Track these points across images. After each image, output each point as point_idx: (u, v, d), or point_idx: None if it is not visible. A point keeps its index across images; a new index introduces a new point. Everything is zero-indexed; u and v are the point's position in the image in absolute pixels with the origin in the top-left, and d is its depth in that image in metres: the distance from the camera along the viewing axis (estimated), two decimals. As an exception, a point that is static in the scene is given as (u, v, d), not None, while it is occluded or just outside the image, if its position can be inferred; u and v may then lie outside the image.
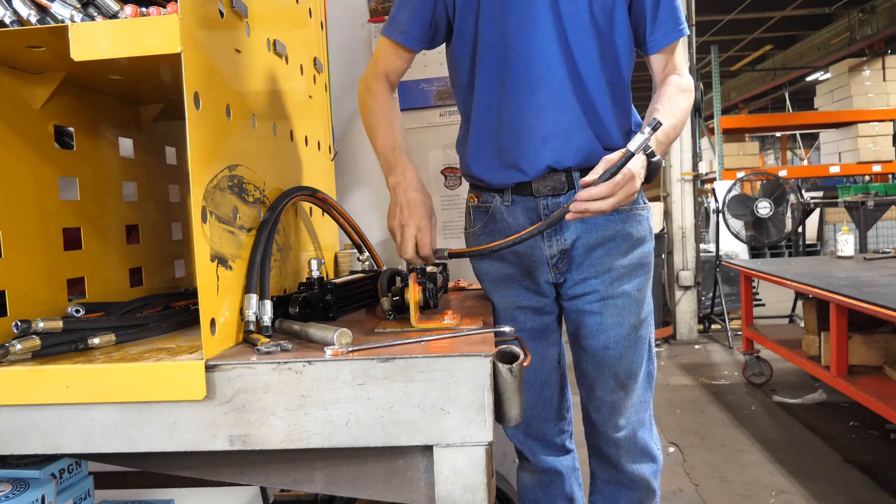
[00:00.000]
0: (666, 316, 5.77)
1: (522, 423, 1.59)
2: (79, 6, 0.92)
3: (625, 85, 1.43)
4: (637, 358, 1.48)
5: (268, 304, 1.06)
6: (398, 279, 1.39)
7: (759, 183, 5.79)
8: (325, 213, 1.60)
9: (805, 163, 14.39)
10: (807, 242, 7.01)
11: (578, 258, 1.45)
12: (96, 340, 0.99)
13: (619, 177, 1.19)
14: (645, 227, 1.48)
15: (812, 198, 6.61)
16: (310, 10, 1.62)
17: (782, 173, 8.02)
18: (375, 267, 1.63)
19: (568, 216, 1.23)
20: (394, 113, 1.45)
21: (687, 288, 5.77)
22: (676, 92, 1.39)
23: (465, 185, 2.09)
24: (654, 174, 1.30)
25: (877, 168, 8.93)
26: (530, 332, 1.52)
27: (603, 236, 1.43)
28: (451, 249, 1.34)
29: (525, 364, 0.92)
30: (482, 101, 1.43)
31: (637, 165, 1.24)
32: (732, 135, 10.01)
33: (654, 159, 1.25)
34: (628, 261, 1.45)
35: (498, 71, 1.40)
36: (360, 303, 1.39)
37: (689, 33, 1.40)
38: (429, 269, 1.31)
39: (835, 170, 9.28)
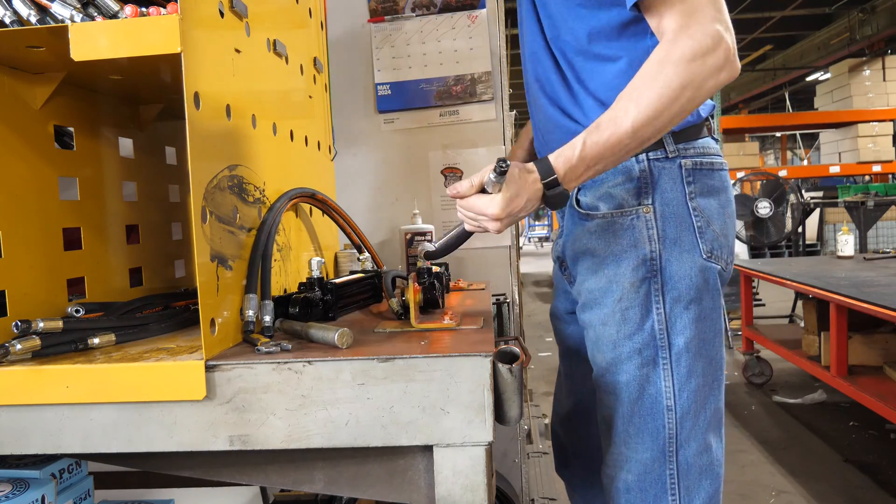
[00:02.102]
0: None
1: (567, 436, 1.45)
2: (79, 6, 0.92)
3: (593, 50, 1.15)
4: (619, 408, 1.18)
5: (269, 304, 1.06)
6: (398, 280, 1.39)
7: (759, 183, 5.80)
8: (325, 214, 1.60)
9: (805, 163, 14.40)
10: (807, 242, 7.00)
11: (571, 272, 1.27)
12: (96, 340, 0.99)
13: (469, 203, 1.04)
14: (622, 240, 1.15)
15: (812, 198, 6.61)
16: (310, 10, 1.62)
17: (782, 173, 8.02)
18: (375, 267, 1.63)
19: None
20: None
21: (687, 288, 5.75)
22: (642, 76, 1.01)
23: (465, 185, 2.10)
24: (560, 202, 1.04)
25: (877, 168, 8.94)
26: (572, 341, 1.39)
27: (576, 250, 1.21)
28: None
29: (525, 364, 0.92)
30: None
31: (490, 203, 1.01)
32: (732, 135, 10.01)
33: (550, 191, 1.02)
34: (595, 284, 1.18)
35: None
36: (359, 303, 1.39)
37: None
38: (434, 268, 1.31)
39: (835, 170, 9.29)
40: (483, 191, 1.03)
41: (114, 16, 0.91)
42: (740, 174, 7.09)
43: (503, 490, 1.83)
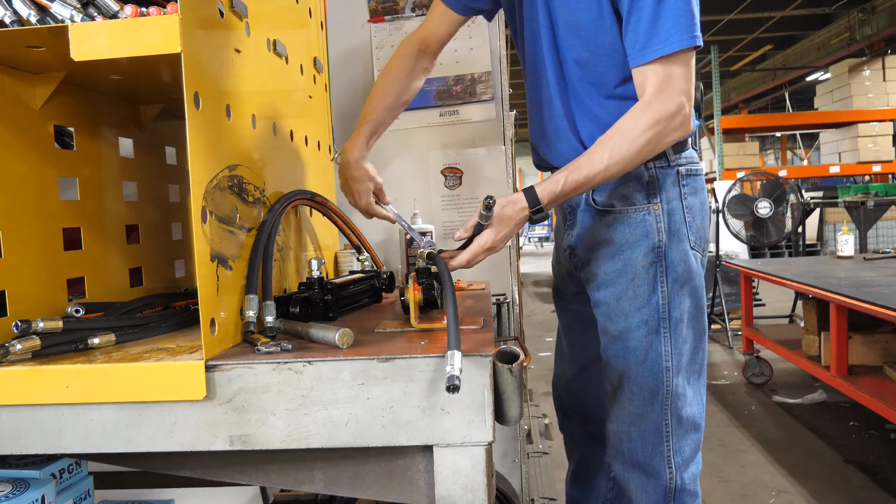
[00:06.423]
0: (666, 316, 5.75)
1: (569, 397, 1.66)
2: (79, 6, 0.92)
3: (618, 92, 1.34)
4: (627, 369, 1.38)
5: (271, 304, 1.06)
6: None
7: (759, 183, 5.78)
8: (324, 217, 1.60)
9: (805, 163, 14.39)
10: (807, 242, 7.00)
11: (582, 258, 1.47)
12: (96, 340, 0.99)
13: (472, 249, 1.22)
14: (636, 231, 1.37)
15: (812, 198, 6.60)
16: (310, 10, 1.62)
17: (782, 173, 8.02)
18: (375, 267, 1.63)
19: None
20: (395, 81, 1.54)
21: (687, 288, 5.75)
22: (618, 129, 1.24)
23: (464, 185, 2.10)
24: (541, 220, 1.27)
25: (877, 168, 8.94)
26: (576, 317, 1.60)
27: (592, 240, 1.43)
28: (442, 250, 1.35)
29: (525, 364, 0.92)
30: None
31: (488, 238, 1.21)
32: (732, 135, 10.00)
33: (536, 215, 1.25)
34: (612, 267, 1.39)
35: (525, 67, 1.50)
36: (360, 303, 1.39)
37: (663, 53, 1.22)
38: (432, 268, 1.31)
39: (835, 170, 9.29)
40: (479, 225, 1.23)
41: (114, 16, 0.91)
42: (740, 174, 7.09)
43: (503, 490, 1.83)
